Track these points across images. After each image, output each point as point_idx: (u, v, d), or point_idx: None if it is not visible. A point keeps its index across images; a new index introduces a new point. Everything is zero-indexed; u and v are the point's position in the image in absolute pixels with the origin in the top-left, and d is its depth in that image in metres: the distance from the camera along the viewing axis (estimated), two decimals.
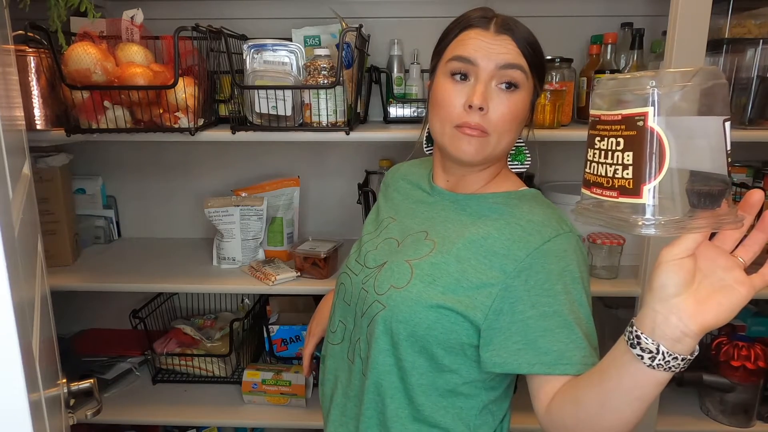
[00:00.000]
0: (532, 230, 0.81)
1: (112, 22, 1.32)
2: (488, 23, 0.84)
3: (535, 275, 0.79)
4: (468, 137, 0.82)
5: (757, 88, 1.30)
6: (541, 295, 0.79)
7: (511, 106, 0.82)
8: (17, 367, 0.49)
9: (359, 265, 0.95)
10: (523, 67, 0.82)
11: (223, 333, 1.65)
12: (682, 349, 0.60)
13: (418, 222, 0.93)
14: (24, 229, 0.68)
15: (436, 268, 0.84)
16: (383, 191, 1.07)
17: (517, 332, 0.79)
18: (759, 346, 1.38)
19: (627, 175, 0.52)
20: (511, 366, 0.80)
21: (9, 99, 0.78)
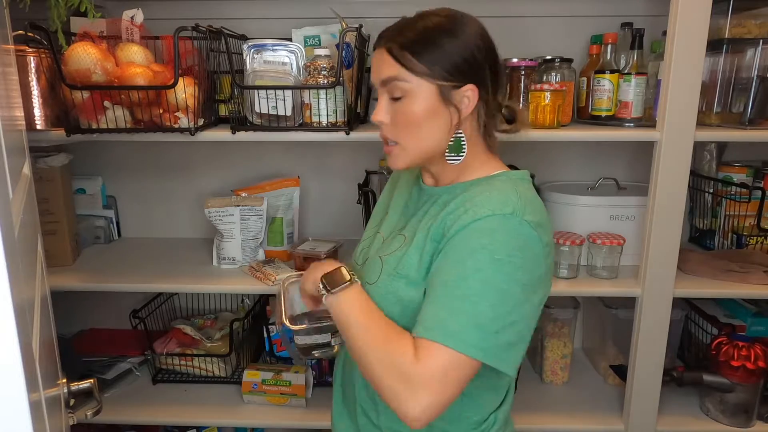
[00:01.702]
0: (469, 209, 0.81)
1: (112, 22, 1.32)
2: (379, 40, 0.87)
3: (454, 250, 0.80)
4: (387, 154, 0.91)
5: (757, 88, 1.30)
6: (451, 266, 0.79)
7: (403, 114, 0.85)
8: (17, 367, 0.49)
9: (354, 262, 1.01)
10: (397, 77, 0.83)
11: (223, 333, 1.65)
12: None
13: (403, 218, 0.98)
14: (24, 229, 0.68)
15: (400, 261, 0.87)
16: (390, 184, 1.10)
17: (425, 301, 0.82)
18: (759, 346, 1.38)
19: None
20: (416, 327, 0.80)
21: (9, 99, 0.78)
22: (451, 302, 0.77)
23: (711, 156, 1.60)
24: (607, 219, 1.49)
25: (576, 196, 1.51)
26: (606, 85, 1.40)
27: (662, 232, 1.30)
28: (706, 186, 1.59)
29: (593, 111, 1.44)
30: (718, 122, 1.35)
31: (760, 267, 1.40)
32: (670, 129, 1.25)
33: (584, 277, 1.44)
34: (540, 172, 1.69)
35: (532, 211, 0.81)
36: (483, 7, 1.58)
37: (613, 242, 1.40)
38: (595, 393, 1.58)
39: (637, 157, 1.68)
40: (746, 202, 1.51)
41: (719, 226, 1.59)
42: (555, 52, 1.44)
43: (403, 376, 0.75)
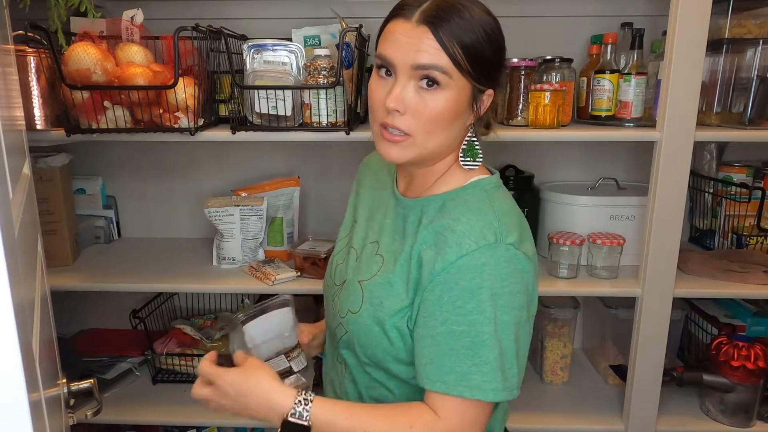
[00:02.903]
0: (452, 242, 0.77)
1: (112, 22, 1.32)
2: (412, 12, 0.75)
3: (449, 291, 0.76)
4: (387, 142, 0.79)
5: (757, 88, 1.30)
6: (451, 313, 0.76)
7: (432, 108, 0.76)
8: (17, 367, 0.49)
9: (330, 280, 0.96)
10: (441, 67, 0.74)
11: (223, 333, 1.65)
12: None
13: (375, 230, 0.92)
14: (24, 229, 0.68)
15: (382, 289, 0.83)
16: (356, 189, 1.04)
17: (427, 346, 0.78)
18: (759, 346, 1.38)
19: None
20: (420, 378, 0.79)
21: (9, 99, 0.78)
22: (466, 352, 0.75)
23: (711, 156, 1.60)
24: (607, 219, 1.49)
25: (576, 196, 1.51)
26: (606, 85, 1.40)
27: (662, 232, 1.30)
28: (706, 186, 1.59)
29: (593, 111, 1.44)
30: (718, 122, 1.35)
31: (760, 267, 1.40)
32: (670, 129, 1.25)
33: (584, 277, 1.44)
34: (540, 172, 1.69)
35: (511, 226, 0.79)
36: None
37: (613, 242, 1.40)
38: (595, 393, 1.58)
39: (637, 157, 1.68)
40: (746, 202, 1.51)
41: (719, 226, 1.59)
42: (555, 52, 1.44)
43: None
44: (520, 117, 1.39)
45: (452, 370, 0.76)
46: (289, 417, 0.75)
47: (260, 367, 0.82)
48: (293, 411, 0.75)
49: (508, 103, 1.41)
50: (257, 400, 0.78)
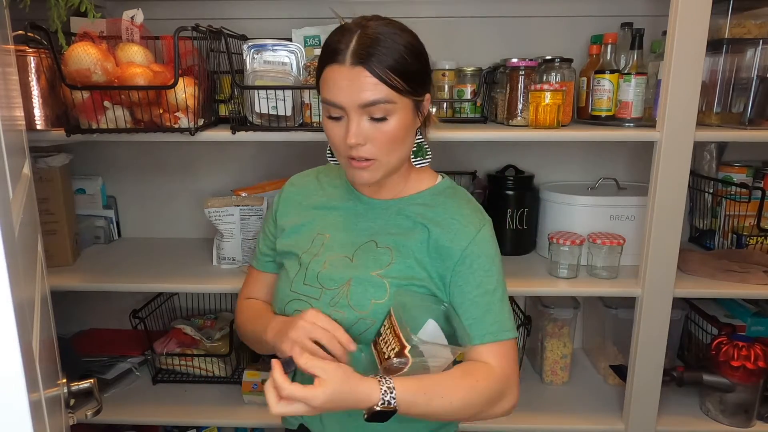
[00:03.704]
0: (467, 222, 0.95)
1: (112, 22, 1.32)
2: (345, 55, 0.83)
3: (477, 260, 0.93)
4: (358, 169, 0.90)
5: (757, 88, 1.30)
6: (483, 276, 0.93)
7: (387, 133, 0.87)
8: (17, 367, 0.49)
9: (314, 288, 0.96)
10: (385, 99, 0.84)
11: (223, 333, 1.65)
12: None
13: (359, 234, 0.99)
14: (24, 229, 0.68)
15: (404, 275, 0.94)
16: (284, 210, 1.07)
17: (467, 309, 0.93)
18: (759, 346, 1.38)
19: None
20: (466, 340, 0.92)
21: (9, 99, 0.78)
22: (499, 306, 0.94)
23: (711, 156, 1.60)
24: (607, 219, 1.49)
25: (576, 196, 1.52)
26: (606, 85, 1.40)
27: (662, 232, 1.30)
28: (706, 186, 1.60)
29: (593, 111, 1.44)
30: (718, 122, 1.35)
31: (760, 267, 1.40)
32: (670, 129, 1.25)
33: (584, 277, 1.44)
34: (540, 172, 1.70)
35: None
36: (483, 7, 1.59)
37: (613, 242, 1.40)
38: (595, 393, 1.58)
39: (637, 157, 1.68)
40: (746, 202, 1.51)
41: (719, 226, 1.59)
42: (555, 52, 1.44)
43: (501, 387, 0.90)
44: (520, 117, 1.39)
45: (494, 321, 0.93)
46: (379, 406, 0.80)
47: (339, 369, 0.81)
48: (382, 401, 0.80)
49: (508, 103, 1.41)
50: (348, 402, 0.81)
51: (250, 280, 1.14)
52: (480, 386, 0.88)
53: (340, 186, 1.04)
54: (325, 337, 0.86)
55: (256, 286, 1.13)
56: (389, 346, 0.86)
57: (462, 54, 1.54)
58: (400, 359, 0.84)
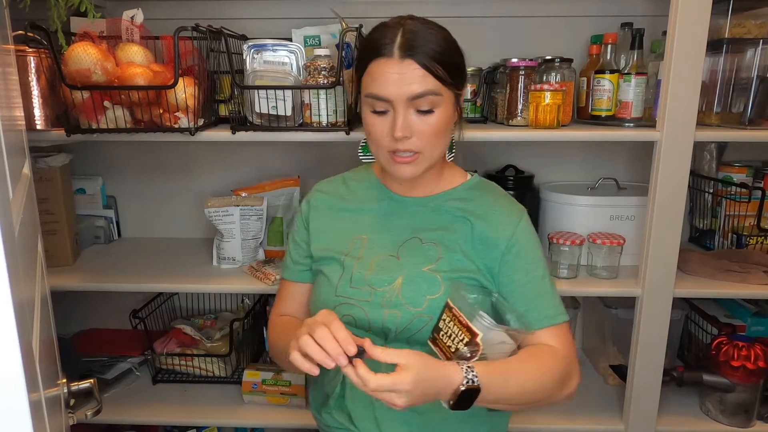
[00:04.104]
0: (506, 213, 0.98)
1: (112, 22, 1.32)
2: (392, 48, 0.85)
3: (523, 247, 0.96)
4: (402, 164, 0.91)
5: (757, 88, 1.29)
6: (530, 264, 0.96)
7: (432, 126, 0.89)
8: (17, 367, 0.49)
9: (363, 290, 0.95)
10: (433, 91, 0.86)
11: (223, 333, 1.65)
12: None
13: (400, 232, 0.99)
14: (24, 229, 0.68)
15: (454, 268, 0.94)
16: (315, 216, 1.06)
17: (519, 297, 0.95)
18: (759, 346, 1.38)
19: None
20: (522, 326, 0.92)
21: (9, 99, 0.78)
22: (550, 290, 0.98)
23: (711, 156, 1.60)
24: (607, 219, 1.49)
25: (576, 196, 1.51)
26: (606, 85, 1.40)
27: (662, 232, 1.30)
28: (706, 186, 1.59)
29: (593, 111, 1.44)
30: (718, 122, 1.35)
31: (760, 267, 1.40)
32: (670, 129, 1.25)
33: (584, 277, 1.44)
34: (540, 172, 1.69)
35: None
36: (483, 7, 1.59)
37: (613, 242, 1.40)
38: (595, 393, 1.58)
39: (637, 157, 1.68)
40: (746, 202, 1.51)
41: (719, 226, 1.59)
42: (555, 52, 1.44)
43: (567, 368, 0.92)
44: (520, 117, 1.39)
45: (549, 306, 0.96)
46: (464, 385, 0.80)
47: (417, 355, 0.80)
48: (465, 379, 0.80)
49: (508, 103, 1.41)
50: (434, 385, 0.79)
51: (284, 294, 1.12)
52: (549, 367, 0.90)
53: (370, 187, 1.05)
54: (320, 333, 0.79)
55: (291, 300, 1.10)
56: (455, 338, 0.85)
57: None
58: (472, 348, 0.83)
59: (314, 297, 1.03)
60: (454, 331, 0.86)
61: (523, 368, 0.88)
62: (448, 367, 0.81)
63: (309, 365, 0.79)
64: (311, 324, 0.81)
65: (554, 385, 0.91)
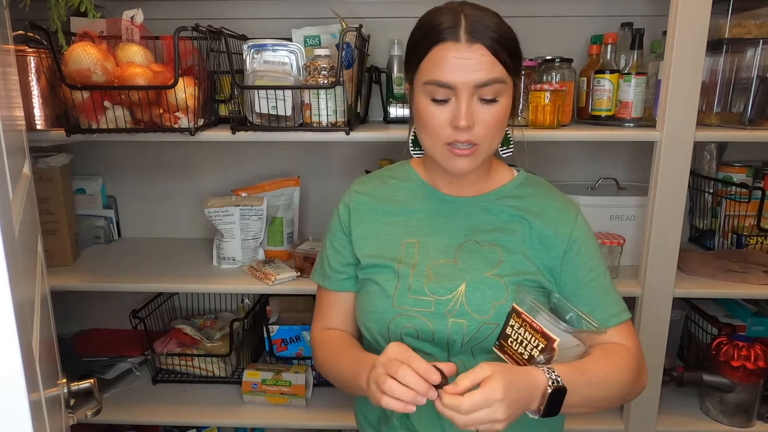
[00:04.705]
0: (563, 209, 0.95)
1: (112, 22, 1.32)
2: (458, 32, 0.80)
3: (584, 244, 0.93)
4: (459, 157, 0.85)
5: (757, 88, 1.30)
6: (592, 261, 0.93)
7: (495, 115, 0.84)
8: (17, 367, 0.49)
9: (424, 300, 0.89)
10: (499, 78, 0.82)
11: (223, 333, 1.65)
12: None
13: (454, 235, 0.94)
14: (24, 229, 0.68)
15: (516, 271, 0.90)
16: (357, 220, 0.98)
17: (585, 295, 0.92)
18: (759, 346, 1.38)
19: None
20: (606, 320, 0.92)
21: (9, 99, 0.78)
22: (612, 287, 0.95)
23: (711, 156, 1.60)
24: (607, 219, 1.49)
25: (576, 196, 1.51)
26: (606, 85, 1.40)
27: (662, 232, 1.30)
28: (706, 186, 1.59)
29: (593, 111, 1.44)
30: (718, 122, 1.35)
31: (760, 267, 1.40)
32: (670, 129, 1.25)
33: None
34: (540, 172, 1.69)
35: None
36: None
37: (613, 242, 1.40)
38: None
39: (637, 157, 1.68)
40: (746, 202, 1.51)
41: (719, 226, 1.59)
42: (555, 52, 1.44)
43: (639, 365, 0.91)
44: (520, 117, 1.39)
45: (614, 303, 0.94)
46: (550, 386, 0.77)
47: (494, 364, 0.77)
48: (550, 380, 0.77)
49: None
50: (523, 389, 0.76)
51: (325, 306, 1.04)
52: (625, 364, 0.88)
53: (415, 187, 0.98)
54: (402, 373, 0.74)
55: (334, 311, 1.02)
56: (527, 344, 0.82)
57: None
58: (548, 354, 0.80)
59: (366, 307, 0.95)
60: (526, 338, 0.82)
61: (602, 367, 0.85)
62: (529, 370, 0.78)
63: (404, 405, 0.74)
64: (387, 364, 0.76)
65: (631, 382, 0.89)
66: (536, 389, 0.76)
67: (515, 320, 0.84)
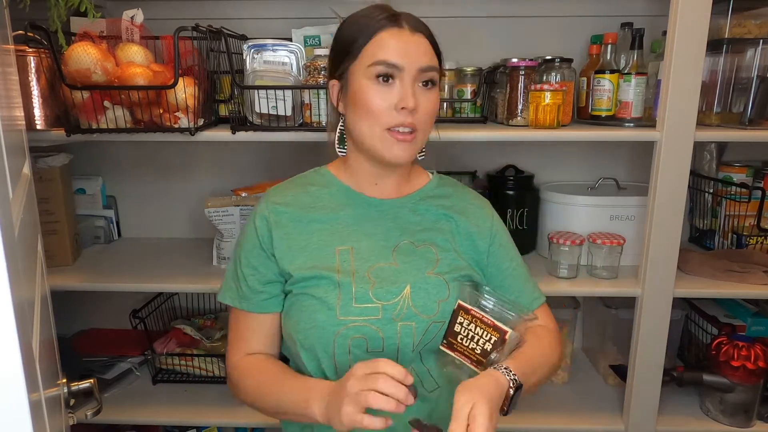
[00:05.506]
0: (481, 204, 1.02)
1: (112, 22, 1.32)
2: (400, 22, 0.87)
3: (503, 237, 1.01)
4: (400, 143, 0.87)
5: (757, 88, 1.30)
6: (510, 251, 1.02)
7: (434, 103, 0.90)
8: (17, 367, 0.49)
9: (370, 307, 0.87)
10: (436, 67, 0.89)
11: (223, 333, 1.65)
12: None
13: (386, 237, 0.93)
14: (24, 229, 0.68)
15: (453, 268, 0.94)
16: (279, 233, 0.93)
17: (510, 284, 0.99)
18: (759, 346, 1.38)
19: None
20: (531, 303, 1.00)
21: (9, 99, 0.78)
22: (528, 273, 1.03)
23: (711, 156, 1.60)
24: (607, 219, 1.49)
25: (576, 196, 1.52)
26: (606, 85, 1.40)
27: (662, 232, 1.30)
28: (706, 186, 1.60)
29: (593, 111, 1.44)
30: (718, 122, 1.35)
31: (760, 267, 1.40)
32: (670, 129, 1.25)
33: (584, 277, 1.44)
34: (540, 172, 1.70)
35: None
36: (483, 7, 1.59)
37: (613, 242, 1.40)
38: (595, 393, 1.58)
39: (637, 157, 1.68)
40: (746, 202, 1.51)
41: (719, 226, 1.59)
42: (555, 52, 1.44)
43: (559, 346, 0.99)
44: (520, 117, 1.39)
45: (533, 288, 1.03)
46: (512, 387, 0.81)
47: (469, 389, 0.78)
48: (510, 381, 0.81)
49: (508, 103, 1.41)
50: (496, 393, 0.78)
51: (243, 329, 0.95)
52: (554, 346, 0.96)
53: (337, 192, 0.97)
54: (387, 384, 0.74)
55: (255, 335, 0.95)
56: (478, 339, 0.84)
57: (462, 54, 1.53)
58: (500, 346, 0.84)
59: (303, 324, 0.88)
60: (477, 333, 0.84)
61: (538, 353, 0.91)
62: (492, 375, 0.80)
63: (381, 421, 0.74)
64: (363, 379, 0.75)
65: (558, 360, 0.98)
66: (503, 393, 0.80)
67: (463, 317, 0.86)
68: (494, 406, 0.77)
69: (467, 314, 0.86)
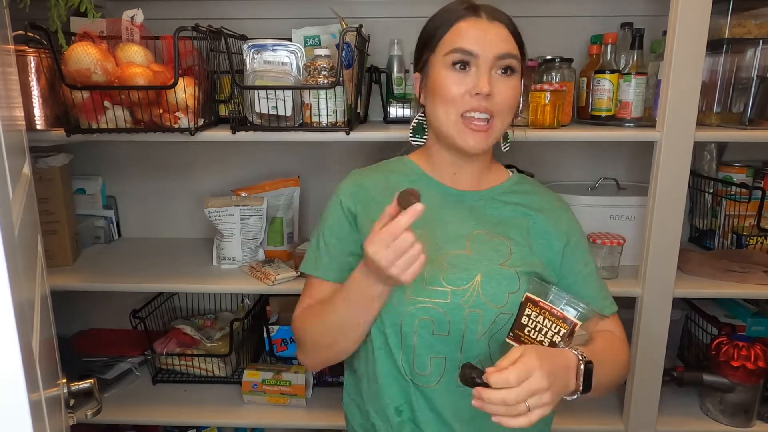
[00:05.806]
0: (560, 205, 1.02)
1: (112, 22, 1.32)
2: (479, 12, 0.89)
3: (580, 239, 0.99)
4: (475, 133, 0.88)
5: (757, 88, 1.30)
6: (586, 255, 1.00)
7: (512, 89, 0.89)
8: (17, 367, 0.49)
9: (439, 290, 0.88)
10: (515, 55, 0.89)
11: (223, 333, 1.65)
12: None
13: (461, 225, 0.94)
14: (24, 229, 0.68)
15: (526, 263, 0.93)
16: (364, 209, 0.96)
17: (582, 288, 0.97)
18: (759, 346, 1.38)
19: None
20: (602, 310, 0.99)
21: (9, 99, 0.78)
22: (602, 281, 1.02)
23: (711, 156, 1.60)
24: (607, 219, 1.49)
25: (576, 196, 1.51)
26: (606, 85, 1.40)
27: (662, 232, 1.30)
28: (706, 186, 1.60)
29: (593, 111, 1.44)
30: (718, 122, 1.35)
31: (760, 267, 1.40)
32: (670, 129, 1.25)
33: None
34: (540, 172, 1.69)
35: None
36: None
37: (613, 242, 1.40)
38: None
39: (637, 157, 1.68)
40: (746, 202, 1.51)
41: (719, 226, 1.59)
42: (555, 52, 1.44)
43: (628, 355, 0.98)
44: (520, 117, 1.39)
45: (606, 295, 1.01)
46: (582, 362, 0.80)
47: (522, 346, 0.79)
48: (580, 357, 0.80)
49: None
50: (556, 362, 0.78)
51: (316, 295, 0.98)
52: (623, 351, 0.96)
53: (417, 179, 0.98)
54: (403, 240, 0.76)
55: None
56: (547, 331, 0.84)
57: None
58: (570, 338, 0.84)
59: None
60: (546, 325, 0.84)
61: (609, 353, 0.91)
62: (556, 349, 0.81)
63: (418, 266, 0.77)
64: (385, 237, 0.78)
65: (626, 366, 0.97)
66: (570, 367, 0.79)
67: (531, 308, 0.86)
68: (548, 366, 0.74)
69: (535, 306, 0.86)
